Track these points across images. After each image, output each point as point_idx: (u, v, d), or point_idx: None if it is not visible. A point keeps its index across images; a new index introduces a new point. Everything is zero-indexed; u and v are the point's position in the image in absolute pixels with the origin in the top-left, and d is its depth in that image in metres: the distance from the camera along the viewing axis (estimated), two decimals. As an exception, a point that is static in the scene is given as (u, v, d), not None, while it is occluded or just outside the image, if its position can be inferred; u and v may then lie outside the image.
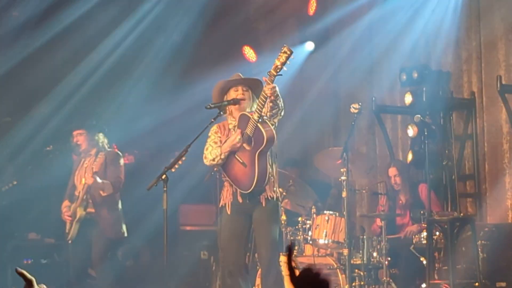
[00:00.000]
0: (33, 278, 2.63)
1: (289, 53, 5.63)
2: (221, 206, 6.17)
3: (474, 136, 8.20)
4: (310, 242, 7.63)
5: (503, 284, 6.93)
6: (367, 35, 9.52)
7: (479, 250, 6.91)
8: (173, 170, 5.93)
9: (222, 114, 6.10)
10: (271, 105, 5.80)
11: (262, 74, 5.84)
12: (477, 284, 6.76)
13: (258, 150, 5.90)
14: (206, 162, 6.13)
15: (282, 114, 5.98)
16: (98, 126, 7.68)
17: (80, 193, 7.40)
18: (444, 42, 8.48)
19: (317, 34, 9.86)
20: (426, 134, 7.56)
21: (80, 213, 7.40)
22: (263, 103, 5.76)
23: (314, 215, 7.60)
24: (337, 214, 7.50)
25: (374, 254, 7.45)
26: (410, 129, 8.12)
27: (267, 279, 6.04)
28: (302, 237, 7.72)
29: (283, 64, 5.65)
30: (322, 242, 7.52)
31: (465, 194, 8.32)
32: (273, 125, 5.94)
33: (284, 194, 7.63)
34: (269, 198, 6.00)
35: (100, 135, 7.60)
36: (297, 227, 7.80)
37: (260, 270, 6.69)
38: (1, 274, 8.45)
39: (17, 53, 9.59)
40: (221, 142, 6.10)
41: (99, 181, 7.32)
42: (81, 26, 9.65)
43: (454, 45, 8.41)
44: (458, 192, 8.14)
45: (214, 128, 6.18)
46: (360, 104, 7.10)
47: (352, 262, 7.14)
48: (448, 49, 8.47)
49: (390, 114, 9.13)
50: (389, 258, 7.32)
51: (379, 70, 9.36)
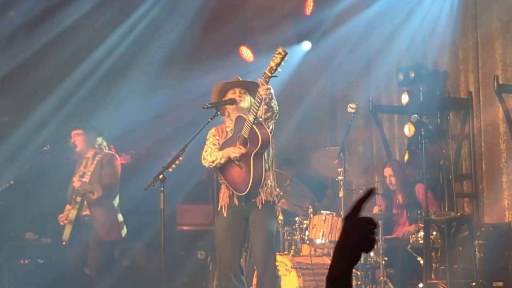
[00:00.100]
0: None
1: (284, 54, 5.59)
2: (218, 208, 6.20)
3: (471, 135, 8.20)
4: (307, 242, 7.64)
5: (500, 283, 6.92)
6: (364, 35, 9.52)
7: (476, 249, 6.91)
8: (170, 170, 5.94)
9: (219, 114, 6.10)
10: (266, 107, 5.79)
11: (259, 74, 5.83)
12: (474, 283, 6.77)
13: (254, 152, 5.90)
14: (205, 164, 6.13)
15: (277, 117, 5.97)
16: (97, 129, 7.67)
17: (75, 196, 7.42)
18: (440, 41, 8.49)
19: (314, 33, 9.86)
20: (423, 134, 7.57)
21: (72, 214, 7.39)
22: (259, 105, 5.75)
23: (311, 215, 7.61)
24: (334, 214, 7.51)
25: (371, 254, 7.44)
26: (407, 129, 8.11)
27: (262, 281, 6.06)
28: (299, 236, 7.73)
29: (278, 65, 5.61)
30: (319, 241, 7.52)
31: (462, 194, 8.32)
32: (268, 128, 5.93)
33: (281, 194, 7.62)
34: (264, 202, 6.00)
35: (99, 139, 7.59)
36: (294, 227, 7.81)
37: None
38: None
39: (15, 53, 9.58)
40: (219, 145, 6.11)
41: (87, 183, 7.31)
42: (79, 28, 9.64)
43: (451, 44, 8.41)
44: (455, 192, 8.13)
45: (212, 131, 6.19)
46: (357, 103, 7.11)
47: (349, 262, 7.12)
48: (445, 48, 8.47)
49: (387, 113, 9.13)
50: (386, 258, 7.32)
51: (376, 69, 9.36)
